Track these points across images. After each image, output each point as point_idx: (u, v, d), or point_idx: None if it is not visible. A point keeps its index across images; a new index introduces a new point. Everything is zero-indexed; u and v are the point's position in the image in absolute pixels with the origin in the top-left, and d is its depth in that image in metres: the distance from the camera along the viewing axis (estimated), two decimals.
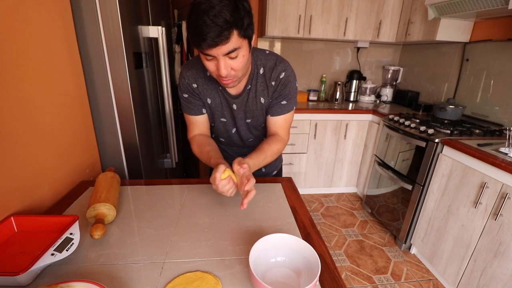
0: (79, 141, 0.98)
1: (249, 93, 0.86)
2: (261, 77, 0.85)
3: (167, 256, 0.59)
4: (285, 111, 0.89)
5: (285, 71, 0.84)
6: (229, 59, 0.67)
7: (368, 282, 1.64)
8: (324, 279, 0.55)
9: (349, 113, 2.37)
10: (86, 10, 0.94)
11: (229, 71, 0.69)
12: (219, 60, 0.66)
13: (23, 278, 0.48)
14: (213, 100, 0.89)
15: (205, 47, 0.63)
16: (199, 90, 0.87)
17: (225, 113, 0.91)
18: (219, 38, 0.61)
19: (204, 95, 0.88)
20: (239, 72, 0.72)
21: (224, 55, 0.65)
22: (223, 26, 0.59)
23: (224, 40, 0.61)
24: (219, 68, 0.68)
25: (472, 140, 1.53)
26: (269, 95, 0.87)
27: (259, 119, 0.93)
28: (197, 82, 0.86)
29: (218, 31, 0.59)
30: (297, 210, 0.79)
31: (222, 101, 0.89)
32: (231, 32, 0.61)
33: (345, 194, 2.67)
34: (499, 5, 1.45)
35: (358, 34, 2.39)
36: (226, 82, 0.73)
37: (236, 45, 0.64)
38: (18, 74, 0.70)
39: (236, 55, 0.67)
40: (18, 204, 0.69)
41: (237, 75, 0.73)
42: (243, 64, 0.70)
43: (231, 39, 0.62)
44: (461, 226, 1.46)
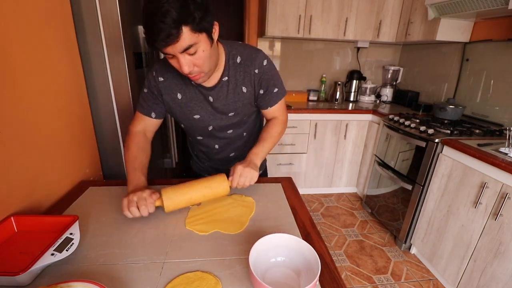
0: (79, 141, 0.98)
1: (228, 84, 0.83)
2: (239, 66, 0.82)
3: (167, 256, 0.59)
4: (279, 98, 0.89)
5: (266, 58, 0.84)
6: (189, 56, 0.66)
7: (368, 282, 1.64)
8: (324, 279, 0.55)
9: (349, 113, 2.37)
10: (86, 10, 0.94)
11: (192, 68, 0.68)
12: (178, 58, 0.65)
13: (23, 278, 0.48)
14: (184, 94, 0.84)
15: (159, 47, 0.63)
16: (165, 84, 0.83)
17: (198, 109, 0.86)
18: (169, 38, 0.60)
19: (173, 90, 0.84)
20: (203, 67, 0.70)
21: (182, 52, 0.64)
22: (171, 25, 0.58)
23: (175, 39, 0.60)
24: (181, 66, 0.67)
25: (472, 140, 1.53)
26: (253, 84, 0.84)
27: (243, 112, 0.89)
28: (165, 76, 0.83)
29: (167, 31, 0.59)
30: (297, 210, 0.79)
31: (197, 95, 0.84)
32: (179, 30, 0.60)
33: (345, 194, 2.67)
34: (499, 5, 1.45)
35: (358, 34, 2.39)
36: (193, 78, 0.73)
37: (190, 41, 0.63)
38: (18, 74, 0.70)
39: (195, 50, 0.65)
40: (18, 204, 0.69)
41: (202, 70, 0.71)
42: (204, 59, 0.69)
43: (182, 37, 0.61)
44: (461, 226, 1.46)
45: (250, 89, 0.85)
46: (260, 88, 0.85)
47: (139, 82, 1.19)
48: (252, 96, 0.87)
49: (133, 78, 1.10)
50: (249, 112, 0.91)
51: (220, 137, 0.95)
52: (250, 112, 0.92)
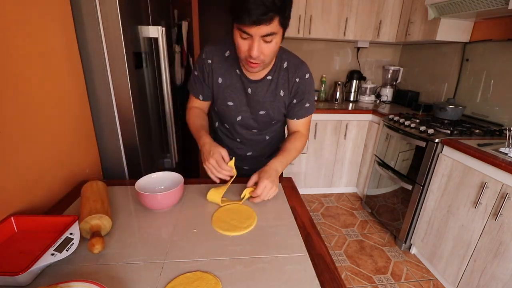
0: (79, 141, 0.98)
1: (269, 84, 0.87)
2: (284, 71, 0.86)
3: (167, 256, 0.59)
4: (308, 113, 0.92)
5: (309, 72, 0.88)
6: (264, 42, 0.69)
7: (368, 282, 1.64)
8: (324, 279, 0.55)
9: (349, 113, 2.37)
10: (86, 10, 0.94)
11: (259, 54, 0.71)
12: (254, 40, 0.68)
13: (23, 278, 0.48)
14: (224, 80, 0.88)
15: (248, 23, 0.64)
16: (212, 67, 0.87)
17: (234, 96, 0.89)
18: (264, 17, 0.63)
19: (216, 73, 0.88)
20: (268, 57, 0.74)
21: (261, 37, 0.67)
22: (270, 7, 0.62)
23: (268, 21, 0.64)
24: (252, 48, 0.69)
25: (472, 140, 1.53)
26: (290, 91, 0.88)
27: (273, 113, 0.92)
28: (213, 58, 0.87)
29: (264, 10, 0.62)
30: (297, 210, 0.79)
31: (237, 83, 0.88)
32: (275, 15, 0.64)
33: (345, 194, 2.67)
34: (499, 5, 1.45)
35: (358, 34, 2.39)
36: (253, 65, 0.75)
37: (274, 29, 0.67)
38: (18, 74, 0.70)
39: (271, 39, 0.69)
40: (18, 204, 0.69)
41: (265, 60, 0.74)
42: (274, 50, 0.73)
43: (273, 22, 0.65)
44: (461, 226, 1.46)
45: (286, 94, 0.89)
46: (295, 97, 0.89)
47: (139, 82, 1.19)
48: (285, 102, 0.90)
49: (133, 78, 1.10)
50: (278, 117, 0.94)
51: (244, 133, 0.98)
52: (278, 118, 0.95)
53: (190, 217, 0.74)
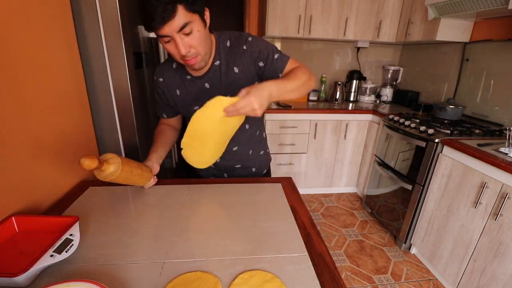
0: (79, 140, 0.98)
1: (220, 68, 0.83)
2: (230, 49, 0.83)
3: (167, 256, 0.59)
4: (284, 60, 0.82)
5: (250, 35, 0.83)
6: (185, 36, 0.68)
7: (368, 282, 1.64)
8: (324, 279, 0.55)
9: (349, 113, 2.37)
10: (86, 10, 0.94)
11: (189, 49, 0.70)
12: (175, 38, 0.67)
13: (21, 279, 0.48)
14: (181, 90, 0.88)
15: (156, 26, 0.64)
16: (166, 83, 0.89)
17: (196, 100, 0.87)
18: (165, 14, 0.62)
19: (171, 88, 0.89)
20: (199, 48, 0.72)
21: (178, 33, 0.66)
22: (166, 2, 0.61)
23: (171, 15, 0.63)
24: (178, 47, 0.68)
25: (472, 140, 1.53)
26: (244, 62, 0.82)
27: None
28: (163, 75, 0.89)
29: (162, 8, 0.61)
30: (297, 210, 0.79)
31: (194, 87, 0.86)
32: (175, 6, 0.62)
33: (345, 194, 2.67)
34: (499, 5, 1.45)
35: (358, 34, 2.39)
36: (190, 62, 0.74)
37: (185, 19, 0.65)
38: (18, 74, 0.70)
39: (190, 30, 0.67)
40: (18, 204, 0.69)
41: (198, 52, 0.73)
42: (200, 39, 0.71)
43: (177, 14, 0.63)
44: (461, 226, 1.46)
45: (242, 68, 0.83)
46: (258, 61, 0.82)
47: (139, 82, 1.19)
48: (248, 75, 0.84)
49: (133, 78, 1.10)
50: None
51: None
52: None
53: (190, 217, 0.74)
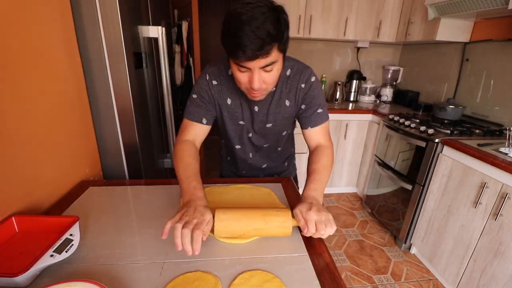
0: (79, 141, 0.97)
1: (273, 95, 0.81)
2: (288, 79, 0.81)
3: (167, 256, 0.59)
4: (323, 119, 0.84)
5: (314, 75, 0.82)
6: (264, 72, 0.65)
7: (368, 282, 1.64)
8: (324, 279, 0.55)
9: (349, 113, 2.37)
10: (86, 10, 0.94)
11: (262, 84, 0.67)
12: (254, 73, 0.64)
13: (21, 279, 0.48)
14: (233, 100, 0.83)
15: (244, 59, 0.60)
16: (220, 88, 0.82)
17: (243, 116, 0.86)
18: (260, 52, 0.59)
19: (224, 94, 0.83)
20: (271, 85, 0.70)
21: (260, 68, 0.64)
22: (265, 39, 0.57)
23: (265, 54, 0.60)
24: (253, 81, 0.65)
25: (472, 140, 1.53)
26: (297, 99, 0.82)
27: (281, 124, 0.87)
28: (219, 79, 0.82)
29: (259, 44, 0.58)
30: None
31: (242, 102, 0.83)
32: (272, 46, 0.60)
33: (345, 194, 2.67)
34: (499, 5, 1.45)
35: (358, 34, 2.39)
36: (255, 95, 0.71)
37: (274, 59, 0.63)
38: (18, 74, 0.70)
39: (272, 68, 0.65)
40: (18, 204, 0.69)
41: (268, 88, 0.71)
42: (276, 77, 0.69)
43: (271, 53, 0.61)
44: (461, 226, 1.46)
45: (293, 103, 0.83)
46: (303, 103, 0.83)
47: (139, 82, 1.19)
48: (293, 111, 0.85)
49: (133, 78, 1.10)
50: (285, 129, 0.91)
51: (256, 146, 0.95)
52: (288, 126, 0.91)
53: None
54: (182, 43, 2.07)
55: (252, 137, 0.91)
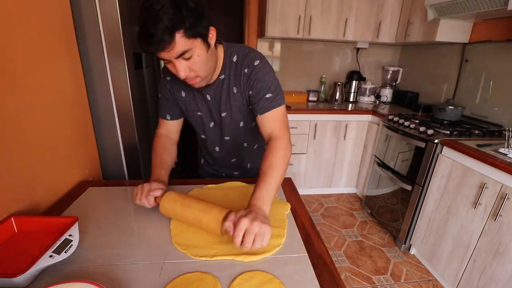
0: (78, 141, 0.97)
1: (222, 83, 0.81)
2: (234, 65, 0.80)
3: (167, 257, 0.59)
4: (273, 105, 0.77)
5: (259, 59, 0.78)
6: (184, 61, 0.66)
7: (368, 283, 1.64)
8: (324, 280, 0.55)
9: (348, 114, 2.37)
10: (86, 10, 0.94)
11: (188, 73, 0.69)
12: (174, 63, 0.66)
13: (21, 279, 0.48)
14: (186, 93, 0.86)
15: (153, 52, 0.63)
16: (172, 83, 0.86)
17: (199, 106, 0.87)
18: (161, 44, 0.60)
19: (177, 88, 0.86)
20: (199, 72, 0.70)
21: (177, 58, 0.64)
22: (164, 32, 0.58)
23: (167, 45, 0.60)
24: (177, 71, 0.67)
25: (472, 140, 1.53)
26: (242, 85, 0.79)
27: (235, 114, 0.85)
28: (172, 75, 0.84)
29: (159, 37, 0.59)
30: (296, 211, 0.78)
31: (195, 93, 0.85)
32: (173, 36, 0.60)
33: (344, 194, 2.67)
34: (498, 6, 1.45)
35: (358, 34, 2.39)
36: (190, 82, 0.73)
37: (185, 47, 0.63)
38: (17, 75, 0.70)
39: (190, 55, 0.65)
40: (17, 204, 0.69)
41: (198, 75, 0.71)
42: (200, 64, 0.68)
43: (175, 43, 0.61)
44: (461, 226, 1.46)
45: (240, 90, 0.81)
46: (250, 89, 0.79)
47: (139, 82, 1.19)
48: (242, 99, 0.82)
49: (133, 78, 1.10)
50: (240, 118, 0.87)
51: (218, 140, 0.95)
52: (246, 116, 0.87)
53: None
54: None
55: (213, 128, 0.92)
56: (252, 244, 0.55)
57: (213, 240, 0.64)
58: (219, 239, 0.64)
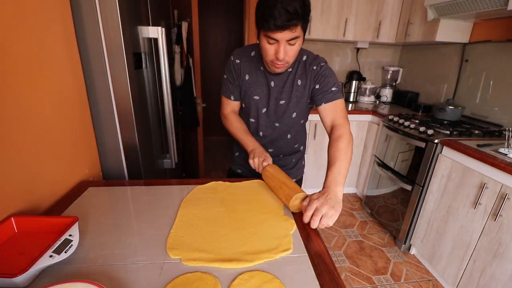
0: (78, 141, 0.97)
1: (289, 75, 0.93)
2: (303, 63, 0.93)
3: (167, 257, 0.59)
4: (337, 96, 0.90)
5: (326, 62, 0.93)
6: (288, 45, 0.77)
7: (368, 283, 1.64)
8: (324, 280, 0.55)
9: (348, 114, 2.36)
10: (86, 10, 0.94)
11: (285, 56, 0.80)
12: (280, 44, 0.76)
13: (21, 279, 0.48)
14: (251, 76, 0.96)
15: (274, 29, 0.72)
16: (240, 66, 0.96)
17: (259, 91, 0.96)
18: (289, 23, 0.71)
19: (243, 71, 0.96)
20: (292, 58, 0.82)
21: (286, 41, 0.76)
22: (293, 15, 0.70)
23: (293, 27, 0.72)
24: (279, 52, 0.78)
25: (472, 140, 1.53)
26: (308, 79, 0.92)
27: (293, 103, 0.96)
28: (241, 58, 0.96)
29: (288, 18, 0.70)
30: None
31: (261, 79, 0.95)
32: (298, 21, 0.72)
33: (344, 194, 2.67)
34: (498, 6, 1.45)
35: (358, 34, 2.39)
36: (279, 65, 0.83)
37: (298, 33, 0.75)
38: (17, 75, 0.70)
39: (295, 42, 0.77)
40: (17, 204, 0.69)
41: (289, 61, 0.83)
42: (297, 51, 0.81)
43: (297, 28, 0.73)
44: (461, 226, 1.46)
45: (304, 83, 0.92)
46: (316, 83, 0.91)
47: (139, 82, 1.19)
48: (305, 90, 0.93)
49: (133, 78, 1.10)
50: (296, 108, 0.97)
51: (268, 126, 1.02)
52: (300, 109, 0.98)
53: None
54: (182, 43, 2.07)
55: (265, 113, 1.00)
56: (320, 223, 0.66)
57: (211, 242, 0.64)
58: (218, 241, 0.64)
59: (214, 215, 0.74)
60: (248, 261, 0.57)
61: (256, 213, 0.75)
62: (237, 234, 0.66)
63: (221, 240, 0.64)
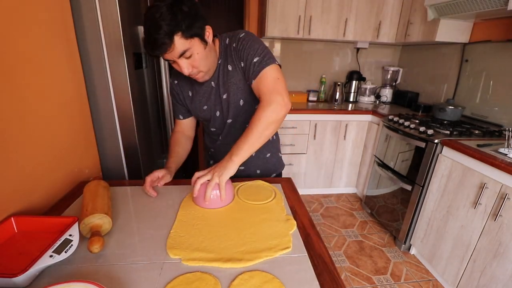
0: (78, 141, 0.97)
1: (220, 66, 0.87)
2: (227, 47, 0.86)
3: (167, 257, 0.59)
4: (261, 67, 0.78)
5: (244, 32, 0.83)
6: (186, 59, 0.74)
7: (368, 283, 1.64)
8: (324, 280, 0.55)
9: (348, 114, 2.37)
10: (86, 10, 0.94)
11: (191, 69, 0.77)
12: (177, 62, 0.74)
13: (21, 279, 0.48)
14: (193, 91, 0.94)
15: (157, 55, 0.72)
16: (180, 85, 0.95)
17: (205, 99, 0.93)
18: (162, 48, 0.69)
19: (184, 89, 0.95)
20: (200, 67, 0.78)
21: (179, 57, 0.73)
22: (164, 37, 0.67)
23: (168, 48, 0.69)
24: (182, 69, 0.76)
25: (472, 140, 1.53)
26: (234, 60, 0.83)
27: (234, 92, 0.87)
28: (178, 78, 0.95)
29: (160, 42, 0.67)
30: (296, 211, 0.78)
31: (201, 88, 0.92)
32: (171, 39, 0.68)
33: (344, 194, 2.67)
34: (498, 6, 1.45)
35: (358, 34, 2.39)
36: (197, 78, 0.82)
37: (184, 47, 0.71)
38: (17, 75, 0.70)
39: (190, 54, 0.73)
40: (17, 205, 0.69)
41: (200, 70, 0.79)
42: (200, 60, 0.77)
43: (175, 45, 0.69)
44: (461, 226, 1.46)
45: (233, 66, 0.85)
46: (240, 60, 0.82)
47: (139, 82, 1.19)
48: (237, 74, 0.85)
49: (133, 78, 1.10)
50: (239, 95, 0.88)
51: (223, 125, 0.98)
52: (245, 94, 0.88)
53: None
54: None
55: (219, 116, 0.96)
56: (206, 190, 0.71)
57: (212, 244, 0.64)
58: (220, 242, 0.64)
59: (214, 215, 0.74)
60: (248, 260, 0.57)
61: (256, 213, 0.75)
62: (237, 234, 0.66)
63: (221, 240, 0.64)
